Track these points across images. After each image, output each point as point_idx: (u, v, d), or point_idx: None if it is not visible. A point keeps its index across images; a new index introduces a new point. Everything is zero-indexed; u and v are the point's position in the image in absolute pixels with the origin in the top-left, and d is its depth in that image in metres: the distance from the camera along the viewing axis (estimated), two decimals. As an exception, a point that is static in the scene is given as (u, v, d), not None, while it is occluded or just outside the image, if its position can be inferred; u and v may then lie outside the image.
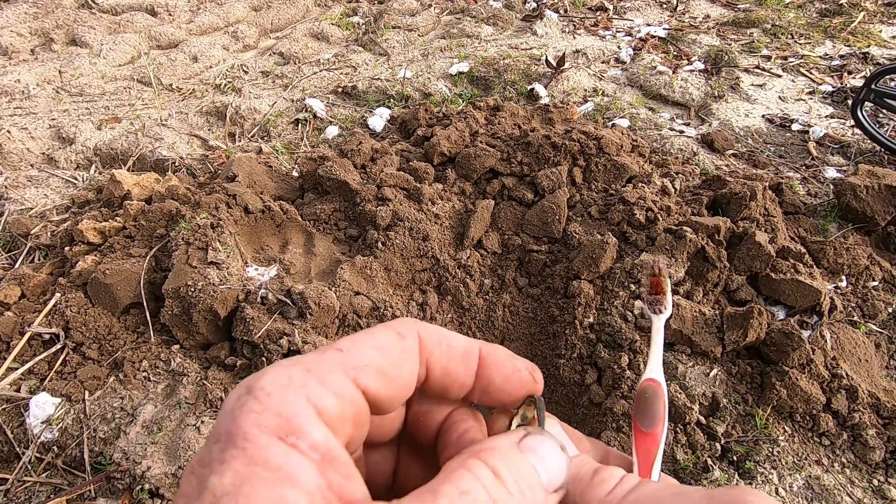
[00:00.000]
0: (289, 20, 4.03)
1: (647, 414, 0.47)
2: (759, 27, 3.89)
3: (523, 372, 0.38)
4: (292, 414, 0.28)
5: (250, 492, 0.26)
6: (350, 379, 0.31)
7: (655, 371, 0.50)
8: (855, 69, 3.37)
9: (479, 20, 3.96)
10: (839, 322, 1.85)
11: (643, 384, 0.49)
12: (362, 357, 0.32)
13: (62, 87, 3.14)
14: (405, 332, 0.35)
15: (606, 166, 2.18)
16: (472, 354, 0.37)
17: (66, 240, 2.11)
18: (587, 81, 3.22)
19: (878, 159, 2.64)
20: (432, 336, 0.36)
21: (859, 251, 2.03)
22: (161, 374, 1.73)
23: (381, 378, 0.32)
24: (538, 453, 0.33)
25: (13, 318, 1.77)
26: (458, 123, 2.40)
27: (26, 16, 3.77)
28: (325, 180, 2.18)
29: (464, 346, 0.37)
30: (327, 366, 0.31)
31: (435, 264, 1.97)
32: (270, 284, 1.82)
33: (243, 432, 0.28)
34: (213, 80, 3.27)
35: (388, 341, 0.34)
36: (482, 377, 0.37)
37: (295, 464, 0.27)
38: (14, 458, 1.58)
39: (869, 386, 1.69)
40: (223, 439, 0.28)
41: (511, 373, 0.38)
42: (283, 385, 0.29)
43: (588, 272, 1.88)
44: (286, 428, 0.28)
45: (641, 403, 0.48)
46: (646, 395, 0.48)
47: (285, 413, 0.28)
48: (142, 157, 2.67)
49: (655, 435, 0.45)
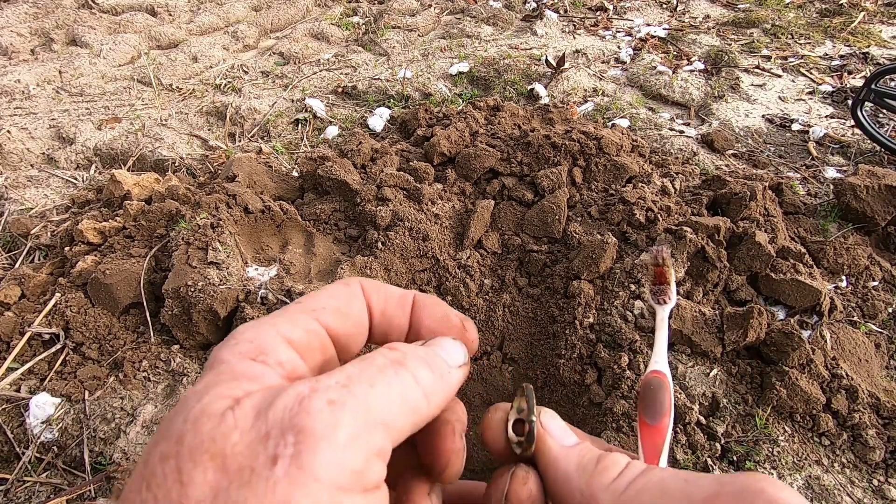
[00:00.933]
0: (289, 20, 4.03)
1: (653, 406, 0.46)
2: (759, 27, 3.89)
3: (453, 318, 0.43)
4: (262, 340, 0.33)
5: (215, 388, 0.30)
6: (312, 318, 0.37)
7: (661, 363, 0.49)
8: (855, 69, 3.37)
9: (479, 20, 3.96)
10: (839, 322, 1.85)
11: (648, 376, 0.48)
12: (319, 301, 0.38)
13: (62, 87, 3.14)
14: (349, 282, 0.41)
15: (606, 166, 2.18)
16: (406, 299, 0.42)
17: (66, 240, 2.11)
18: (587, 81, 3.22)
19: (878, 159, 2.64)
20: (372, 284, 0.42)
21: (859, 251, 2.03)
22: (161, 374, 1.73)
23: (337, 315, 0.38)
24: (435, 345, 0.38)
25: (13, 318, 1.77)
26: (458, 123, 2.40)
27: (26, 16, 3.77)
28: (325, 180, 2.18)
29: (400, 292, 0.42)
30: (291, 312, 0.37)
31: (435, 264, 1.97)
32: (270, 284, 1.82)
33: (220, 358, 0.32)
34: (213, 80, 3.27)
35: (337, 289, 0.40)
36: (415, 320, 0.42)
37: (257, 370, 0.32)
38: (14, 458, 1.58)
39: (869, 386, 1.69)
40: (205, 369, 0.32)
41: (441, 316, 0.42)
42: (255, 325, 0.35)
43: (588, 272, 1.88)
44: (255, 351, 0.33)
45: (647, 396, 0.47)
46: (651, 387, 0.47)
47: (256, 340, 0.33)
48: (142, 157, 2.67)
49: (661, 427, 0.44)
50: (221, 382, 0.30)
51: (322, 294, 0.39)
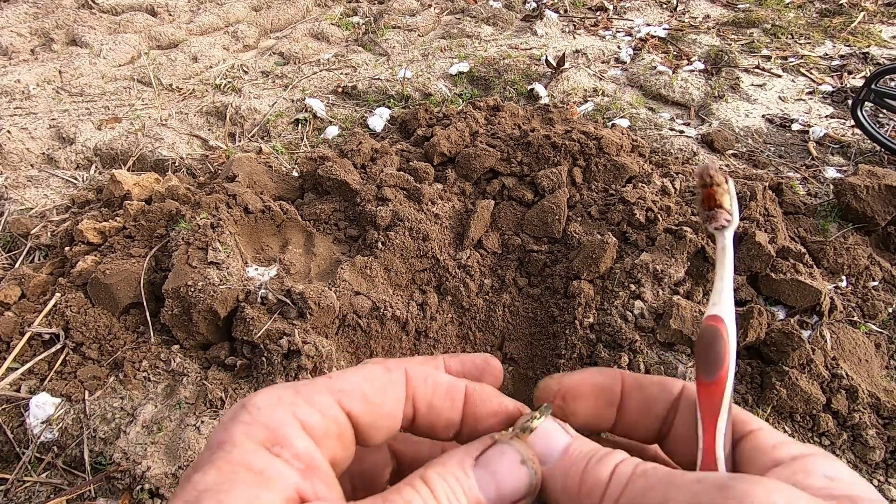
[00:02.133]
0: (289, 20, 4.03)
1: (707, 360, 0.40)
2: (759, 27, 3.89)
3: (510, 407, 0.39)
4: (279, 426, 0.31)
5: (229, 488, 0.28)
6: (335, 400, 0.34)
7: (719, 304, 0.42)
8: (855, 69, 3.37)
9: (479, 20, 3.96)
10: (839, 322, 1.85)
11: (703, 324, 0.42)
12: (349, 383, 0.35)
13: (62, 87, 3.14)
14: (392, 367, 0.37)
15: (606, 166, 2.18)
16: (457, 391, 0.38)
17: (66, 240, 2.11)
18: (587, 81, 3.22)
19: (878, 159, 2.64)
20: (418, 373, 0.38)
21: (859, 251, 2.03)
22: (161, 374, 1.73)
23: (364, 403, 0.35)
24: (490, 467, 0.34)
25: (13, 318, 1.77)
26: (458, 123, 2.40)
27: (26, 16, 3.77)
28: (325, 180, 2.18)
29: (449, 382, 0.38)
30: (315, 388, 0.34)
31: (435, 264, 1.97)
32: (270, 284, 1.82)
33: (233, 440, 0.30)
34: (213, 80, 3.27)
35: (375, 373, 0.37)
36: (468, 414, 0.39)
37: (276, 469, 0.30)
38: (14, 458, 1.58)
39: (869, 386, 1.69)
40: (214, 446, 0.30)
41: (497, 408, 0.39)
42: (272, 402, 0.32)
43: (588, 272, 1.88)
44: (272, 439, 0.31)
45: (700, 349, 0.41)
46: (704, 338, 0.41)
47: (272, 425, 0.31)
48: (142, 157, 2.67)
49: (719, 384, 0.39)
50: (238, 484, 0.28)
51: (356, 375, 0.36)
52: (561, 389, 0.41)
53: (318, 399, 0.34)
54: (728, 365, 0.39)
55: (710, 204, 0.43)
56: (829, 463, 0.32)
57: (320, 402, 0.34)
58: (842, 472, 0.31)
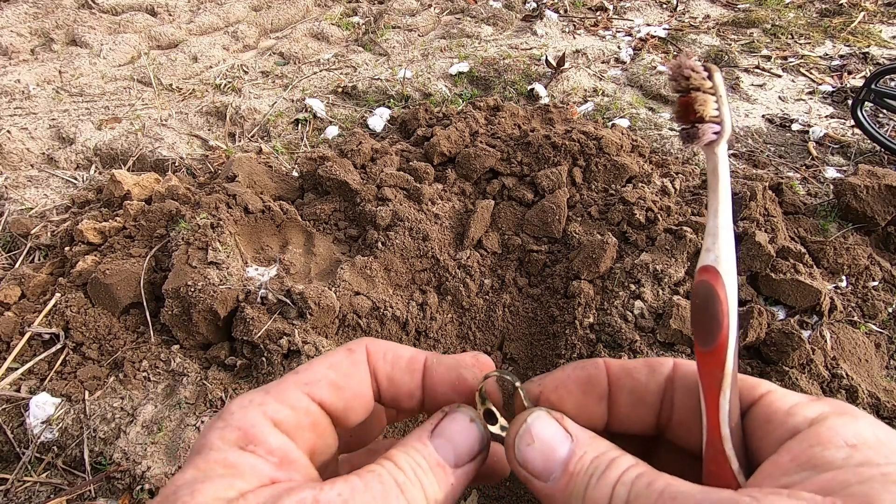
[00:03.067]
0: (289, 20, 4.03)
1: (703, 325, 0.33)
2: (759, 27, 3.89)
3: (468, 379, 0.40)
4: (250, 426, 0.33)
5: (204, 480, 0.30)
6: (304, 393, 0.36)
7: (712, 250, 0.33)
8: (855, 69, 3.37)
9: (479, 20, 3.96)
10: (839, 322, 1.85)
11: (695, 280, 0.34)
12: (315, 374, 0.37)
13: (62, 87, 3.14)
14: (354, 348, 0.39)
15: (606, 166, 2.18)
16: (416, 363, 0.40)
17: (66, 240, 2.11)
18: (587, 81, 3.22)
19: (878, 159, 2.64)
20: (379, 348, 0.39)
21: (859, 251, 2.03)
22: (161, 374, 1.73)
23: (332, 390, 0.36)
24: (445, 434, 0.37)
25: (13, 318, 1.77)
26: (458, 123, 2.40)
27: (26, 16, 3.77)
28: (325, 180, 2.18)
29: (409, 356, 0.40)
30: (284, 385, 0.36)
31: (435, 264, 1.97)
32: (270, 284, 1.82)
33: (209, 444, 0.32)
34: (213, 80, 3.27)
35: (339, 358, 0.38)
36: (428, 386, 0.40)
37: (248, 462, 0.31)
38: (14, 458, 1.58)
39: (869, 386, 1.69)
40: (193, 452, 0.32)
41: (455, 381, 0.40)
42: (244, 405, 0.34)
43: (588, 272, 1.88)
44: (245, 438, 0.32)
45: (694, 311, 0.34)
46: (697, 298, 0.34)
47: (244, 426, 0.33)
48: (142, 157, 2.67)
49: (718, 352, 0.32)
50: (214, 477, 0.30)
51: (321, 364, 0.37)
52: (543, 391, 0.39)
53: (288, 395, 0.35)
54: (727, 329, 0.32)
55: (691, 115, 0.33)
56: (848, 424, 0.29)
57: (290, 397, 0.35)
58: (863, 433, 0.29)
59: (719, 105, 0.33)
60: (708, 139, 0.33)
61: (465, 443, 0.37)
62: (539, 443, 0.36)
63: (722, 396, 0.32)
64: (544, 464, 0.35)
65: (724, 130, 0.33)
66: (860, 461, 0.27)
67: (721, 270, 0.33)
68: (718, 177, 0.33)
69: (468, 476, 0.37)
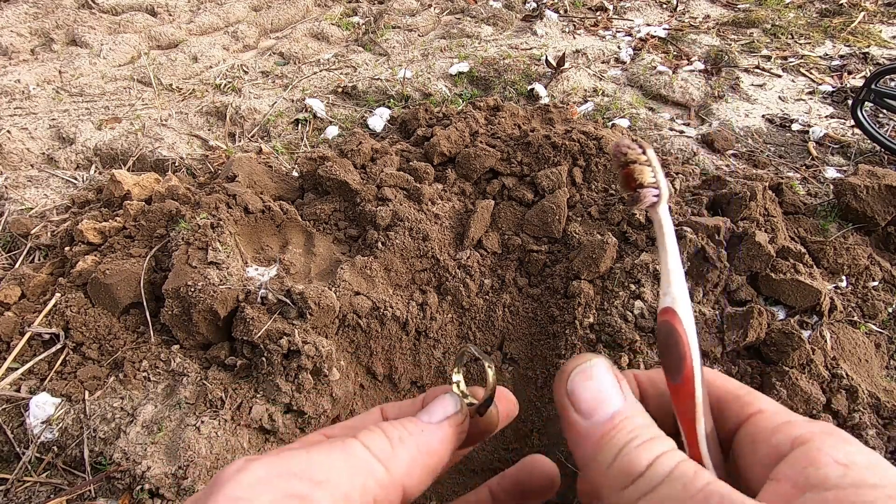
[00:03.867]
0: (289, 20, 4.03)
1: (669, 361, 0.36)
2: (759, 27, 3.89)
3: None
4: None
5: None
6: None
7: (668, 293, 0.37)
8: (855, 69, 3.37)
9: (479, 20, 3.96)
10: (839, 322, 1.85)
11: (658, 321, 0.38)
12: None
13: (62, 87, 3.14)
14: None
15: (606, 166, 2.17)
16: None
17: (66, 240, 2.11)
18: (587, 81, 3.22)
19: (878, 159, 2.64)
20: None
21: (859, 251, 2.03)
22: (161, 374, 1.73)
23: None
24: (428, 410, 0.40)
25: (13, 318, 1.77)
26: (458, 123, 2.40)
27: (26, 16, 3.77)
28: (325, 180, 2.18)
29: None
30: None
31: (435, 264, 1.97)
32: (270, 284, 1.82)
33: None
34: (213, 80, 3.27)
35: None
36: None
37: None
38: (14, 458, 1.58)
39: (869, 386, 1.69)
40: None
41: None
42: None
43: (588, 272, 1.88)
44: None
45: (660, 349, 0.37)
46: (660, 336, 0.37)
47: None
48: (142, 157, 2.67)
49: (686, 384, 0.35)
50: None
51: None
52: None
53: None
54: (691, 363, 0.36)
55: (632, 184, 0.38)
56: (839, 445, 0.29)
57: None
58: (854, 454, 0.29)
59: (655, 174, 0.38)
60: (650, 202, 0.38)
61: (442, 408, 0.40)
62: (595, 382, 0.36)
63: (698, 424, 0.35)
64: (592, 403, 0.35)
65: (662, 194, 0.38)
66: (856, 481, 0.27)
67: (678, 310, 0.37)
68: (664, 232, 0.38)
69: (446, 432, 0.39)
